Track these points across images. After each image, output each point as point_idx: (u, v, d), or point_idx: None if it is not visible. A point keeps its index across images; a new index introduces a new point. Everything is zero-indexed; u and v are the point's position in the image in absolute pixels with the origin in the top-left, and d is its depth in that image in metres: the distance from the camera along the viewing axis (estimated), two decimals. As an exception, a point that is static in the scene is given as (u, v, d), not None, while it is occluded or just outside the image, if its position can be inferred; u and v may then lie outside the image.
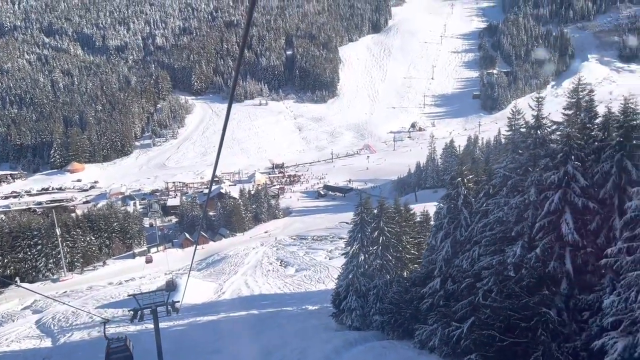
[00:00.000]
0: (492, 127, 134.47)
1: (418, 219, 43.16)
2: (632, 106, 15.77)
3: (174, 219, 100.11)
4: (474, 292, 20.03)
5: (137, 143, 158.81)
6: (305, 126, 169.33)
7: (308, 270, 62.12)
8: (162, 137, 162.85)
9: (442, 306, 23.08)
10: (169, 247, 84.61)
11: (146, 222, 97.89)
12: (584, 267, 16.50)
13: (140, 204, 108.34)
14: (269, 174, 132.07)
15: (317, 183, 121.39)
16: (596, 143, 16.69)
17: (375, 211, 35.63)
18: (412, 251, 37.03)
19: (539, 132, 18.02)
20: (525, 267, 17.19)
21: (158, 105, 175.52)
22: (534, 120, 18.01)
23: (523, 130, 18.99)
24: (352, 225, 36.60)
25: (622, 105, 15.78)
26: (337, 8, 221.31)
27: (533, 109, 18.03)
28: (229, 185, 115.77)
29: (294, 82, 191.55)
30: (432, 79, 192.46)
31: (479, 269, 20.16)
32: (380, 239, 34.20)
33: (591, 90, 17.58)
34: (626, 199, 15.24)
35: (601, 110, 17.37)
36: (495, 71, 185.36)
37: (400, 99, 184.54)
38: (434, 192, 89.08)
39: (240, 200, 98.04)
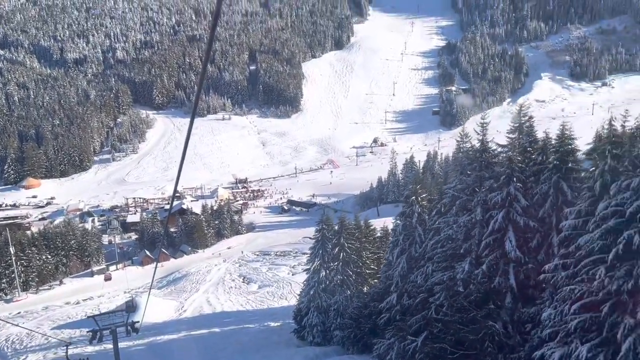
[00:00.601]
0: (451, 143, 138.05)
1: (378, 234, 44.29)
2: (568, 132, 17.14)
3: (134, 236, 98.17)
4: (427, 306, 20.91)
5: (96, 158, 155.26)
6: (269, 141, 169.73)
7: (271, 287, 62.19)
8: (122, 152, 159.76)
9: (399, 320, 23.88)
10: (129, 265, 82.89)
11: (105, 239, 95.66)
12: (526, 282, 17.63)
13: (99, 221, 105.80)
14: (232, 189, 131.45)
15: (281, 198, 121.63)
16: (536, 166, 17.97)
17: (336, 227, 36.38)
18: (372, 266, 37.94)
19: (484, 155, 19.21)
20: (473, 282, 18.20)
21: (118, 119, 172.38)
22: (479, 144, 19.19)
23: (470, 153, 20.18)
24: (313, 242, 37.23)
25: (559, 131, 17.13)
26: (300, 24, 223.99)
27: (478, 134, 19.23)
28: (191, 201, 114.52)
29: (257, 97, 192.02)
30: (394, 95, 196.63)
31: (432, 284, 21.10)
32: (341, 255, 34.91)
33: (531, 117, 18.92)
34: (562, 218, 16.46)
35: (554, 126, 18.69)
36: (454, 88, 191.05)
37: (363, 114, 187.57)
38: (395, 207, 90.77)
39: (202, 216, 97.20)
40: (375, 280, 36.70)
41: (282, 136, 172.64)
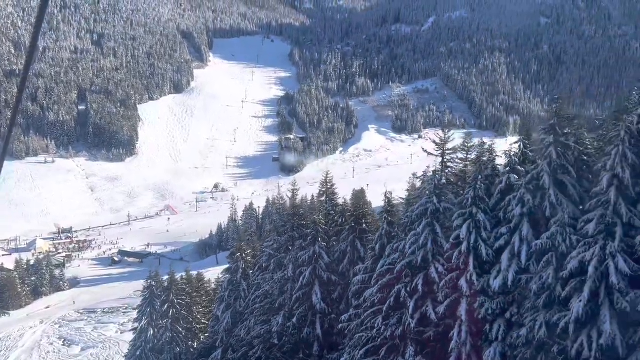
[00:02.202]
0: (290, 188, 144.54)
1: (213, 286, 44.37)
2: (361, 197, 20.20)
3: None
4: (248, 360, 22.07)
5: None
6: (99, 186, 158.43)
7: (96, 348, 57.51)
8: None
9: (223, 376, 24.55)
10: None
11: None
12: (330, 330, 19.88)
13: None
14: (54, 239, 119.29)
15: (111, 248, 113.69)
16: (337, 227, 20.71)
17: (166, 284, 35.91)
18: (203, 321, 37.85)
19: (295, 218, 21.48)
20: (286, 334, 19.91)
21: None
22: (290, 207, 21.46)
23: (283, 215, 22.36)
24: (140, 300, 36.11)
25: (353, 197, 20.12)
26: (137, 66, 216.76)
27: (289, 199, 21.51)
28: (3, 255, 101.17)
29: (86, 139, 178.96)
30: (235, 141, 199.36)
31: (252, 338, 22.37)
32: (171, 312, 34.40)
33: (333, 184, 21.79)
34: (357, 273, 19.17)
35: (380, 173, 21.60)
36: (292, 136, 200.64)
37: (204, 159, 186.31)
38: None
39: (15, 273, 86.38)
40: (207, 334, 36.71)
41: (114, 181, 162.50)
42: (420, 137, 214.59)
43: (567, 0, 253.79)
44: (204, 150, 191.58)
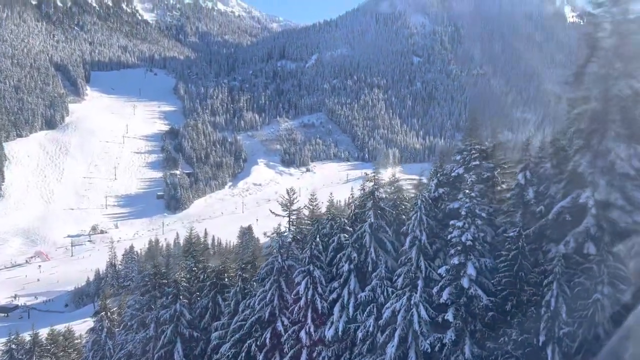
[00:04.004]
0: (176, 227, 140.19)
1: (84, 342, 41.94)
2: (248, 235, 21.18)
3: None
4: None
5: None
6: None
7: None
8: None
9: None
10: None
11: None
12: (194, 386, 20.39)
13: None
14: None
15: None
16: (199, 283, 21.45)
17: (28, 345, 33.62)
18: (72, 381, 35.78)
19: (156, 277, 21.87)
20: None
21: None
22: (151, 266, 21.84)
23: (145, 276, 22.62)
24: (-3, 366, 33.32)
25: (239, 235, 21.03)
26: (3, 101, 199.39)
27: (156, 265, 21.91)
28: None
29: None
30: (115, 179, 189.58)
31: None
32: (32, 377, 32.20)
33: (199, 237, 22.59)
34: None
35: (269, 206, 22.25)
36: (178, 172, 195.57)
37: (80, 200, 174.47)
38: (114, 301, 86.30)
39: None
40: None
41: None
42: (308, 170, 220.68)
43: (435, 41, 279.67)
44: (81, 189, 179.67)
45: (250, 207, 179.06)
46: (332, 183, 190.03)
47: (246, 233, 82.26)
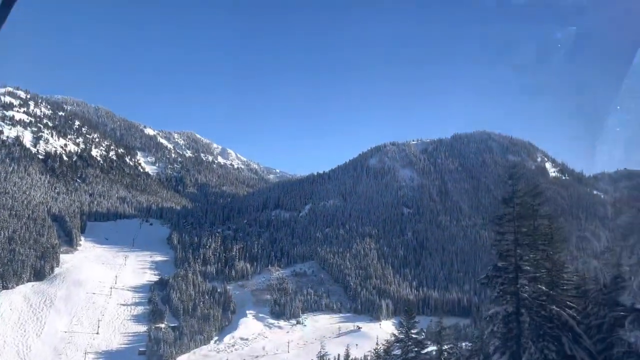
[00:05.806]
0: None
1: None
2: None
3: None
4: None
5: None
6: None
7: None
8: None
9: None
10: None
11: None
12: None
13: None
14: None
15: None
16: None
17: None
18: None
19: None
20: None
21: None
22: None
23: None
24: None
25: None
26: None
27: None
28: None
29: None
30: (97, 333, 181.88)
31: None
32: None
33: None
34: None
35: None
36: (163, 326, 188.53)
37: (57, 356, 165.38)
38: None
39: None
40: None
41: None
42: (298, 322, 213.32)
43: (424, 194, 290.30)
44: (59, 345, 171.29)
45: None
46: (323, 337, 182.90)
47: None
